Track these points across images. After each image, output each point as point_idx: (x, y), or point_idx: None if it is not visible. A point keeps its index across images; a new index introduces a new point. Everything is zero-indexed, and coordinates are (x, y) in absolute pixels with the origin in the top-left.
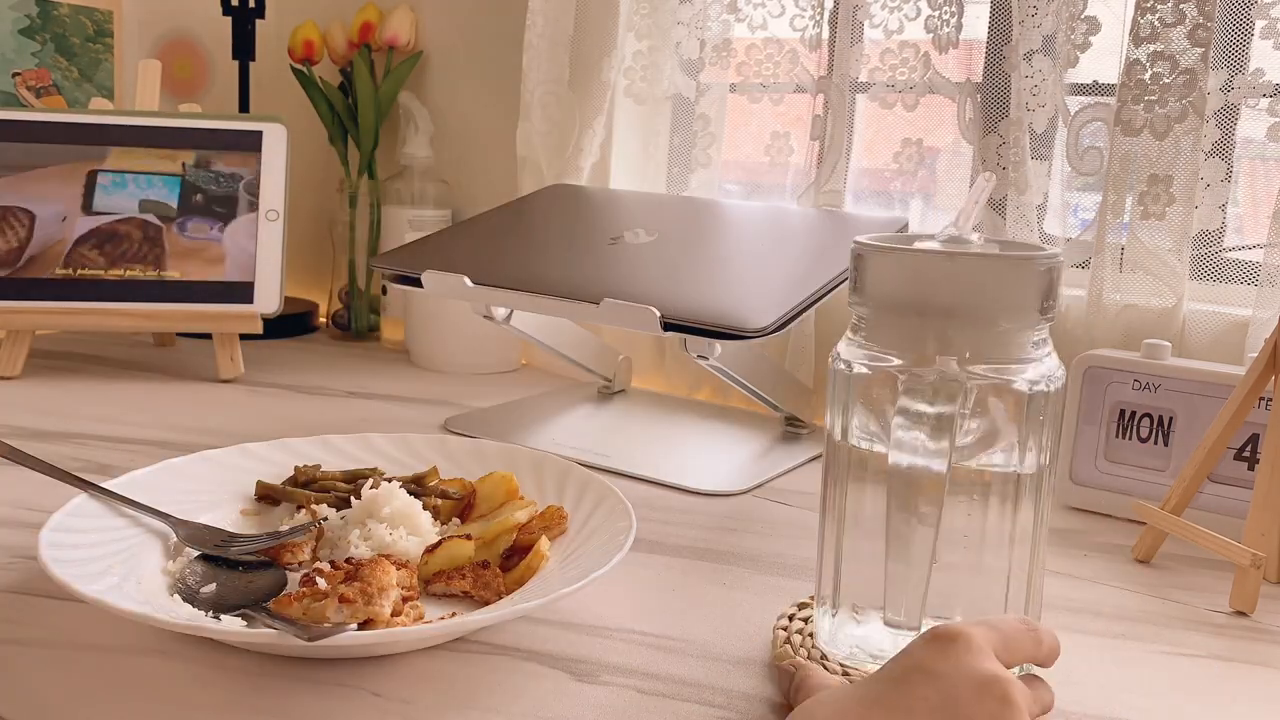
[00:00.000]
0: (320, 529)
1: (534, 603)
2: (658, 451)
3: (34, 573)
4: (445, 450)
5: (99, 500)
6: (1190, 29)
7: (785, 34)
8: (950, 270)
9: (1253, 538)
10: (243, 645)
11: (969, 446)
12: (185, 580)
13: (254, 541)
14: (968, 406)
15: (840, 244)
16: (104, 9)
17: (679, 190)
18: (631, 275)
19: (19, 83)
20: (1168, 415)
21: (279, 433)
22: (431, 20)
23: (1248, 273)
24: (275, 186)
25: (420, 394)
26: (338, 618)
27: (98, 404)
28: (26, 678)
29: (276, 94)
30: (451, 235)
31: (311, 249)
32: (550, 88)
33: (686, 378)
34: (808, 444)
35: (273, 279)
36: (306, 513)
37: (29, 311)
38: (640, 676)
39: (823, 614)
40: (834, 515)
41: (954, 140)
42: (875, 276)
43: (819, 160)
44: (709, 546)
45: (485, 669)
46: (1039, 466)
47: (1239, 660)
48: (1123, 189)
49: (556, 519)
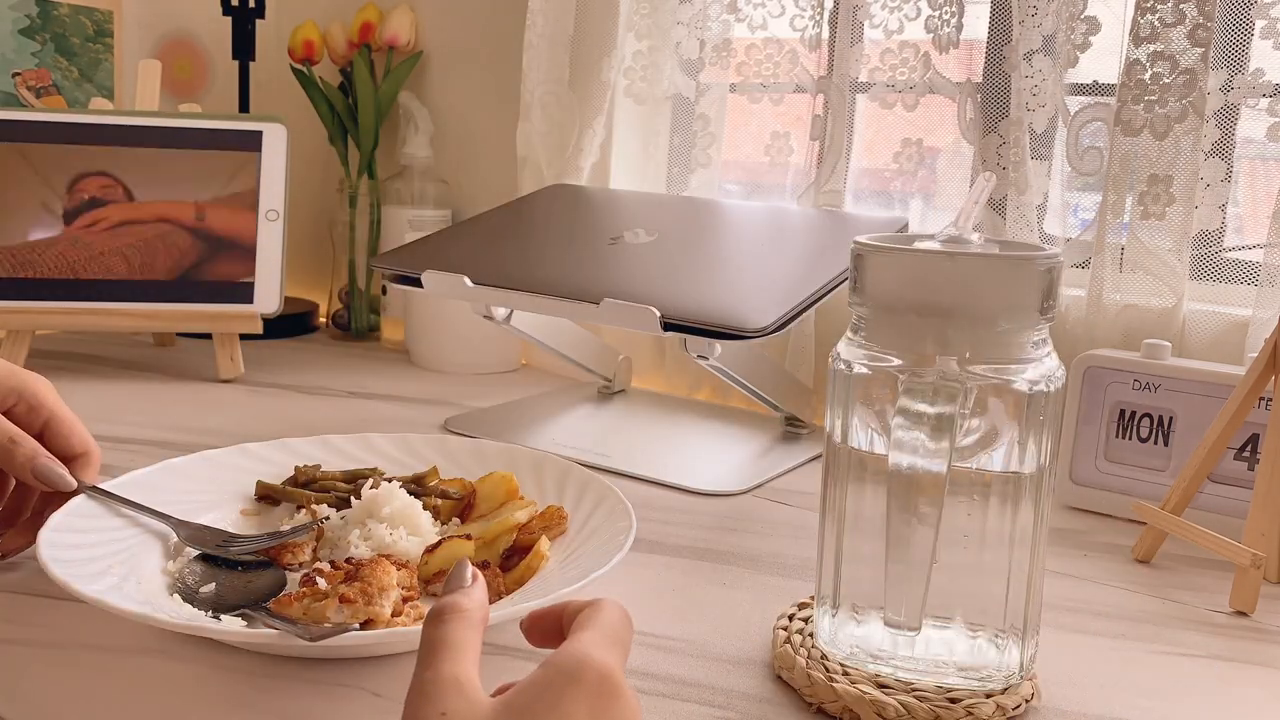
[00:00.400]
0: (320, 529)
1: (534, 603)
2: (658, 451)
3: (34, 573)
4: (445, 450)
5: (99, 500)
6: (1190, 29)
7: (785, 34)
8: (950, 270)
9: (1253, 538)
10: (243, 645)
11: (969, 446)
12: (184, 580)
13: (254, 542)
14: (968, 406)
15: (840, 244)
16: (104, 9)
17: (679, 190)
18: (631, 275)
19: (19, 83)
20: (1168, 415)
21: (279, 433)
22: (431, 20)
23: (1248, 273)
24: (275, 186)
25: (420, 394)
26: (338, 618)
27: (98, 404)
28: (26, 678)
29: (276, 94)
30: (451, 235)
31: (311, 249)
32: (550, 88)
33: (686, 378)
34: (808, 444)
35: (273, 279)
36: (306, 513)
37: (29, 311)
38: (640, 676)
39: (823, 614)
40: (834, 515)
41: (954, 140)
42: (875, 276)
43: (819, 160)
44: (709, 546)
45: (485, 669)
46: (1039, 467)
47: (1239, 660)
48: (1123, 189)
49: (556, 519)
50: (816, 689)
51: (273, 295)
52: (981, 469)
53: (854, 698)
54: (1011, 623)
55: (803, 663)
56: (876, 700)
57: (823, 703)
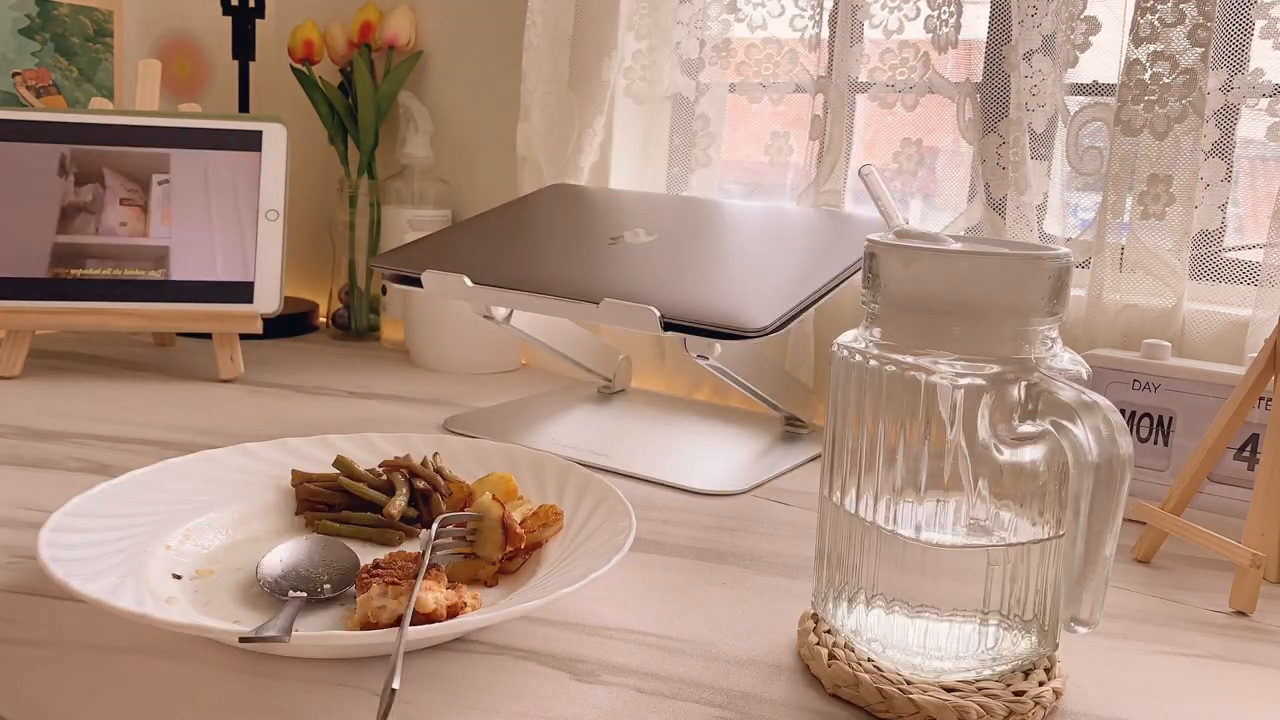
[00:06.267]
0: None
1: (534, 603)
2: (658, 451)
3: (34, 573)
4: (445, 450)
5: (99, 500)
6: (1190, 29)
7: (785, 34)
8: (964, 269)
9: (1253, 538)
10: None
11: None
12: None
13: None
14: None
15: (840, 244)
16: (104, 9)
17: (679, 190)
18: (631, 275)
19: (19, 82)
20: (1168, 415)
21: (279, 433)
22: (431, 20)
23: (1248, 273)
24: (275, 186)
25: (420, 394)
26: (380, 602)
27: (98, 404)
28: (26, 678)
29: (276, 94)
30: (451, 235)
31: (311, 249)
32: (550, 88)
33: (686, 378)
34: (808, 444)
35: (273, 279)
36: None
37: (29, 311)
38: (640, 676)
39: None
40: (834, 514)
41: (954, 140)
42: (888, 274)
43: (818, 160)
44: (709, 546)
45: (485, 669)
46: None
47: (1239, 660)
48: (1123, 189)
49: (553, 517)
50: (893, 703)
51: (273, 295)
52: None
53: (936, 706)
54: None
55: (868, 678)
56: (959, 706)
57: (901, 716)
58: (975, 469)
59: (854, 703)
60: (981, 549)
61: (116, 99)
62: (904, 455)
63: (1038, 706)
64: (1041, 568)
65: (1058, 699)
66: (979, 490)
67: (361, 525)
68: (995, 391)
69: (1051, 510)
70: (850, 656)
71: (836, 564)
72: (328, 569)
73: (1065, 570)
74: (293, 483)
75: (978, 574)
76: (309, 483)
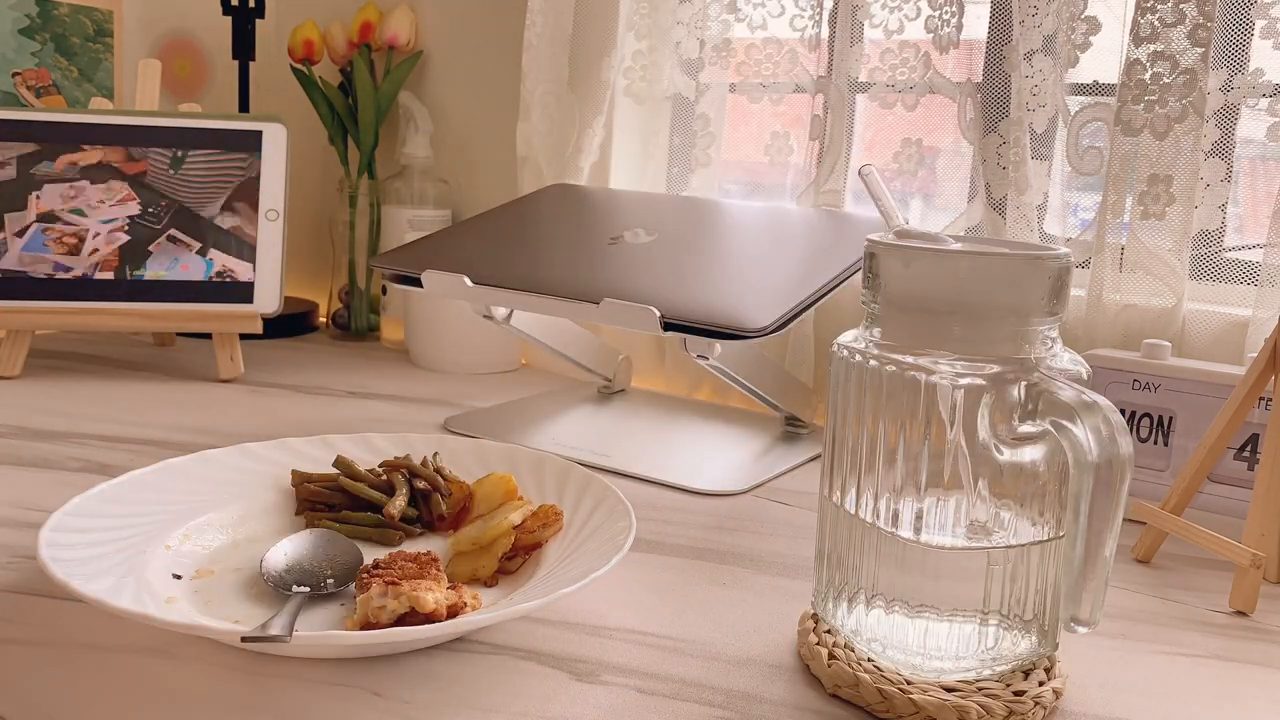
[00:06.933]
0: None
1: (534, 603)
2: (658, 451)
3: (34, 573)
4: (445, 450)
5: (99, 500)
6: (1190, 29)
7: (785, 34)
8: (964, 268)
9: (1253, 538)
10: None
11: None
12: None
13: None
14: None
15: (840, 244)
16: (104, 9)
17: (679, 190)
18: (631, 275)
19: (19, 82)
20: (1168, 415)
21: (279, 433)
22: (431, 20)
23: (1248, 273)
24: (275, 186)
25: (420, 394)
26: (380, 602)
27: (98, 404)
28: (26, 678)
29: (276, 94)
30: (451, 235)
31: (311, 249)
32: (550, 88)
33: (686, 378)
34: (808, 444)
35: (273, 279)
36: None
37: (29, 311)
38: (640, 676)
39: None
40: (834, 514)
41: (954, 140)
42: (888, 274)
43: (818, 160)
44: (709, 546)
45: (485, 669)
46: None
47: (1239, 660)
48: (1123, 189)
49: (552, 516)
50: (893, 703)
51: (273, 295)
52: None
53: (936, 706)
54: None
55: (868, 678)
56: (959, 706)
57: (901, 716)
58: (975, 469)
59: (854, 703)
60: (982, 549)
61: (116, 99)
62: (904, 455)
63: (1038, 706)
64: (1041, 568)
65: (1058, 699)
66: (979, 490)
67: (361, 525)
68: (995, 391)
69: (1051, 510)
70: (850, 656)
71: (836, 564)
72: (331, 564)
73: (1065, 570)
74: (293, 483)
75: (978, 574)
76: (309, 483)
